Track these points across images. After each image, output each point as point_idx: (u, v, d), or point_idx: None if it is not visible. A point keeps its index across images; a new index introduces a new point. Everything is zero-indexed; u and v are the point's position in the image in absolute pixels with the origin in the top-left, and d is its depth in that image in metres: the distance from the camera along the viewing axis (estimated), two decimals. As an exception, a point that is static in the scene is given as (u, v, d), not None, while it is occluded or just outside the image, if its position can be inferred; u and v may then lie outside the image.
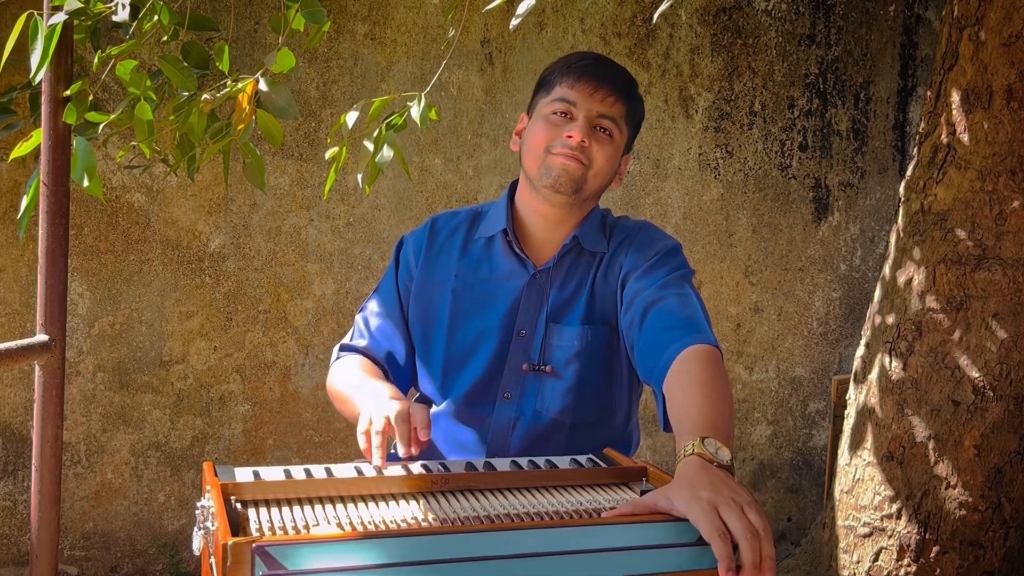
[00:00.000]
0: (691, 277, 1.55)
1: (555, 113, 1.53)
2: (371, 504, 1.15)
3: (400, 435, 1.31)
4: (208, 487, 1.13)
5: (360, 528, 1.07)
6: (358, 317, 1.70)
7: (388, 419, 1.32)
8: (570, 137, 1.50)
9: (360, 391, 1.49)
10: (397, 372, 1.65)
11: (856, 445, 2.67)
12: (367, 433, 1.33)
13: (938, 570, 2.48)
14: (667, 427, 1.35)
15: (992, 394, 2.42)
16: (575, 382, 1.56)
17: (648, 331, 1.43)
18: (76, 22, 1.53)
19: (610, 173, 1.57)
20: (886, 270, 2.69)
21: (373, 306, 1.69)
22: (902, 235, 2.63)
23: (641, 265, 1.54)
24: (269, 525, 1.07)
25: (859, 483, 2.63)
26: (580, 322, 1.56)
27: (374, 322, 1.66)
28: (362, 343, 1.66)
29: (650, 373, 1.40)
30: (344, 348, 1.68)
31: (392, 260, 1.71)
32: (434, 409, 1.63)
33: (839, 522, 2.69)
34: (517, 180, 1.65)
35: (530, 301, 1.58)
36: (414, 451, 1.32)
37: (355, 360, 1.63)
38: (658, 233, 1.62)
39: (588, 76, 1.52)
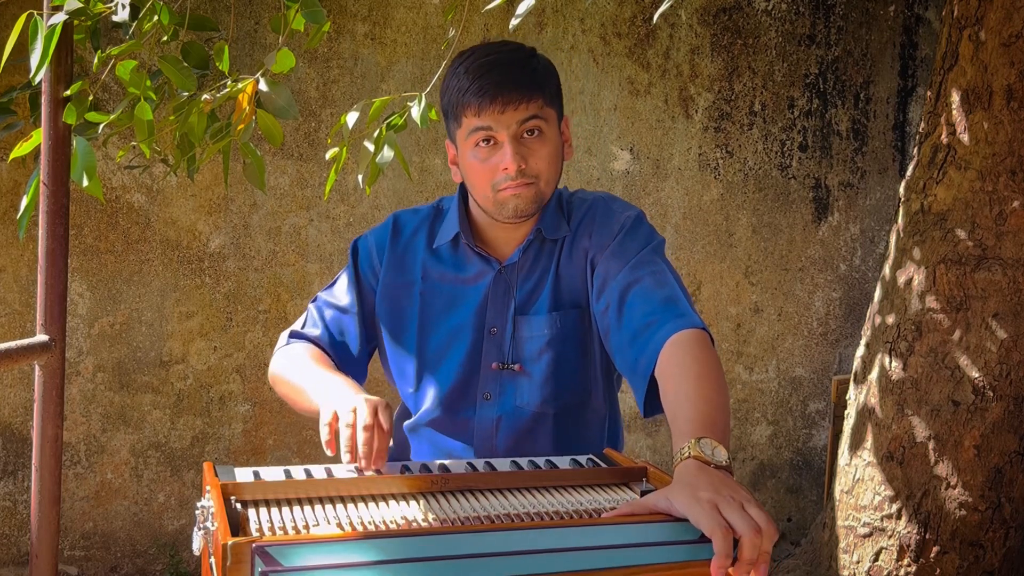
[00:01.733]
0: (662, 248, 1.50)
1: (478, 145, 1.45)
2: (371, 504, 1.15)
3: (364, 445, 1.26)
4: (208, 487, 1.13)
5: (360, 528, 1.07)
6: (311, 306, 1.64)
7: (355, 415, 1.28)
8: (506, 169, 1.44)
9: (316, 382, 1.44)
10: (348, 366, 1.59)
11: (856, 445, 2.67)
12: (331, 426, 1.29)
13: (938, 570, 2.48)
14: (647, 412, 1.34)
15: (992, 394, 2.42)
16: (551, 371, 1.53)
17: (628, 319, 1.39)
18: (76, 22, 1.53)
19: (557, 167, 1.51)
20: (886, 270, 2.69)
21: (328, 297, 1.63)
22: (902, 235, 2.63)
23: (607, 244, 1.49)
24: (269, 525, 1.07)
25: (859, 483, 2.63)
26: (548, 310, 1.53)
27: (329, 313, 1.61)
28: (315, 332, 1.60)
29: (634, 364, 1.36)
30: (294, 335, 1.61)
31: (350, 255, 1.64)
32: (413, 419, 1.59)
33: (839, 522, 2.69)
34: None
35: (497, 297, 1.55)
36: (376, 466, 1.26)
37: (305, 348, 1.57)
38: (618, 205, 1.56)
39: (490, 96, 1.41)
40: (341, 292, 1.63)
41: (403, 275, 1.60)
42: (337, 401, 1.33)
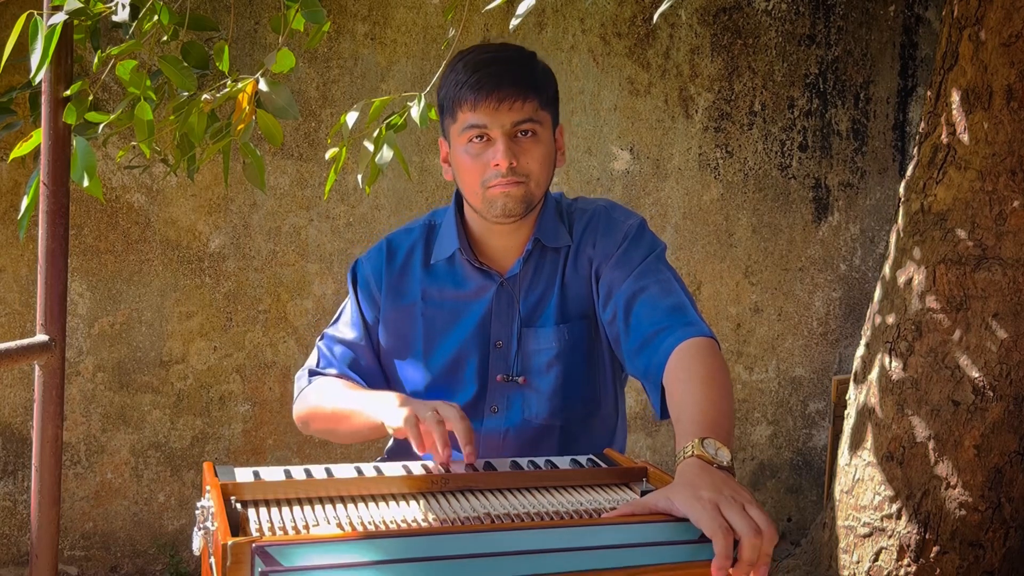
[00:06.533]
0: (664, 254, 1.51)
1: (471, 141, 1.44)
2: (371, 504, 1.15)
3: (462, 434, 1.28)
4: (208, 487, 1.13)
5: (360, 528, 1.07)
6: (320, 344, 1.63)
7: (438, 413, 1.29)
8: (497, 166, 1.43)
9: (368, 401, 1.44)
10: None
11: (856, 445, 2.66)
12: (419, 427, 1.29)
13: (938, 570, 2.48)
14: (663, 415, 1.34)
15: (992, 394, 2.42)
16: (560, 383, 1.53)
17: (636, 326, 1.40)
18: (76, 22, 1.53)
19: (549, 170, 1.50)
20: (886, 270, 2.69)
21: (335, 333, 1.63)
22: (902, 235, 2.63)
23: (612, 253, 1.49)
24: (269, 525, 1.07)
25: (859, 483, 2.63)
26: (555, 322, 1.52)
27: (338, 349, 1.61)
28: (331, 370, 1.60)
29: (644, 370, 1.37)
30: (314, 373, 1.62)
31: (350, 285, 1.63)
32: None
33: (839, 522, 2.69)
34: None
35: (501, 310, 1.54)
36: (472, 456, 1.29)
37: (334, 380, 1.58)
38: (620, 213, 1.56)
39: (485, 92, 1.41)
40: (346, 327, 1.63)
41: (403, 298, 1.59)
42: (411, 405, 1.33)
